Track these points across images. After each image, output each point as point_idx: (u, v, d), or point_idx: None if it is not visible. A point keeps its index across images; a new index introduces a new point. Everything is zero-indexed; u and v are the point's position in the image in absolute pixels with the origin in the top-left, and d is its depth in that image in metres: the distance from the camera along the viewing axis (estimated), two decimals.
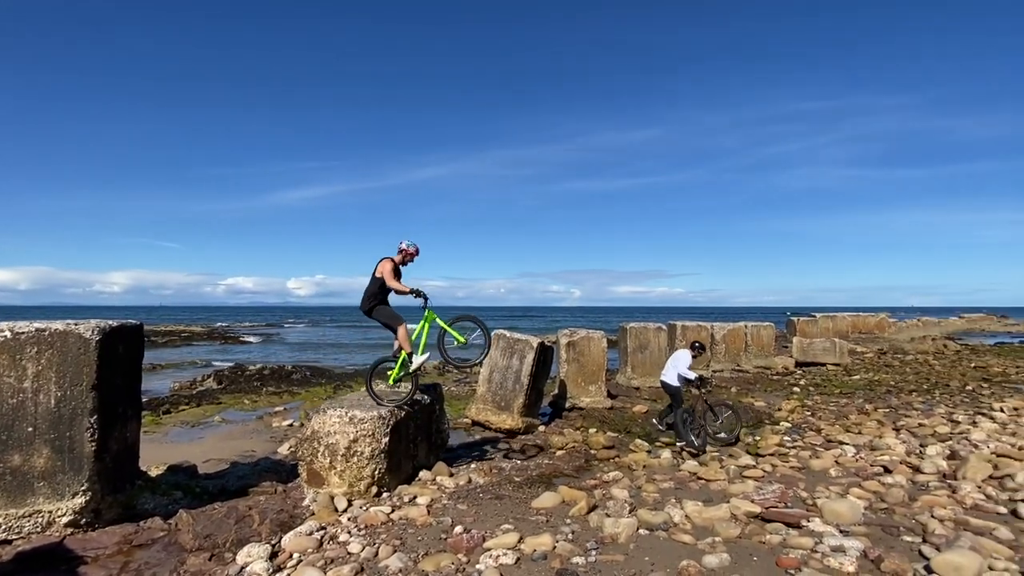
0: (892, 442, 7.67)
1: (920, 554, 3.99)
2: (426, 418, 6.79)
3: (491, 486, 6.09)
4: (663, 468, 6.77)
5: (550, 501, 5.33)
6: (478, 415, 9.71)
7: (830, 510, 4.77)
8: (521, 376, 9.53)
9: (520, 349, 9.71)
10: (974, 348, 27.30)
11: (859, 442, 7.91)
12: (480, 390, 9.95)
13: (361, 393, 7.07)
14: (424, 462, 6.72)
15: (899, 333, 33.48)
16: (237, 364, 18.53)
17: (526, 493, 5.80)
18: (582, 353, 11.73)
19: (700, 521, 4.71)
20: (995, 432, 8.33)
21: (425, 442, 6.81)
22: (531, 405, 9.79)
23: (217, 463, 7.53)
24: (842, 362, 19.52)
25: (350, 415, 5.64)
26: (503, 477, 6.49)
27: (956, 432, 8.48)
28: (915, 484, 5.90)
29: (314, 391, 14.19)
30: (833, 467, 6.59)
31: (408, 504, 5.37)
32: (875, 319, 34.20)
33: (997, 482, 5.78)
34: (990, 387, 13.73)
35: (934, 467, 6.32)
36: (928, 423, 9.17)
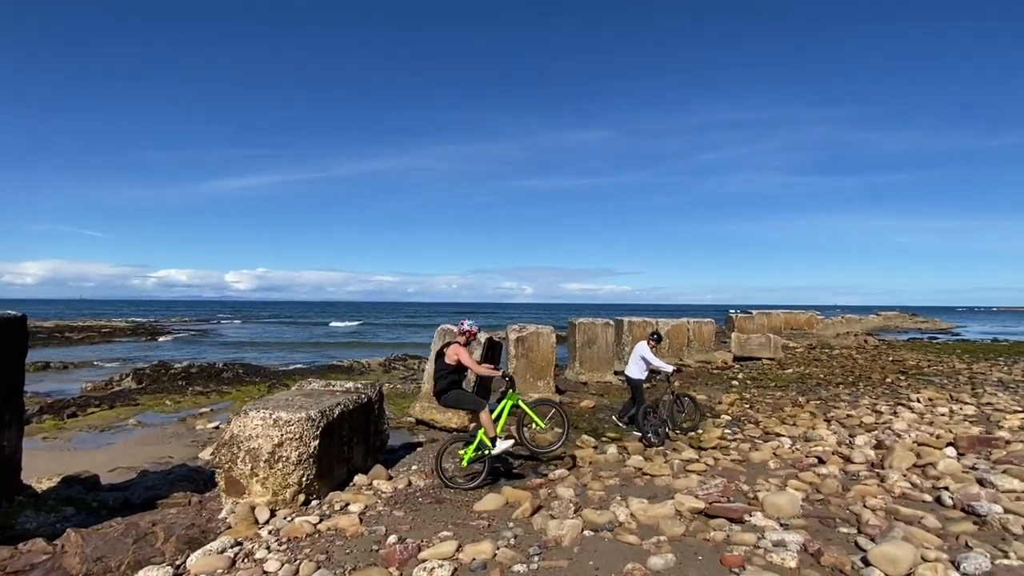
0: (824, 433, 7.96)
1: (857, 546, 4.03)
2: (363, 418, 6.36)
3: (431, 489, 5.76)
4: (609, 464, 6.67)
5: (493, 503, 5.07)
6: (423, 413, 9.33)
7: (771, 503, 4.78)
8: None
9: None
10: (891, 343, 29.51)
11: (794, 433, 8.15)
12: (425, 387, 9.56)
13: (291, 392, 6.54)
14: (361, 465, 6.30)
15: (826, 330, 35.64)
16: (161, 362, 17.11)
17: (468, 495, 5.51)
18: (531, 348, 11.57)
19: (645, 519, 4.60)
20: (914, 422, 8.83)
21: (362, 444, 6.38)
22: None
23: (125, 472, 6.77)
24: (776, 357, 20.47)
25: (275, 417, 5.14)
26: (452, 478, 6.16)
27: (880, 422, 8.93)
28: (847, 474, 6.08)
29: (246, 390, 13.27)
30: (772, 459, 6.72)
31: (339, 512, 4.94)
32: (805, 316, 36.26)
33: (920, 470, 6.04)
34: (907, 379, 14.73)
35: (863, 457, 6.56)
36: (855, 414, 9.63)
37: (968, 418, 9.24)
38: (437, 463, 5.94)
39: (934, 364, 18.65)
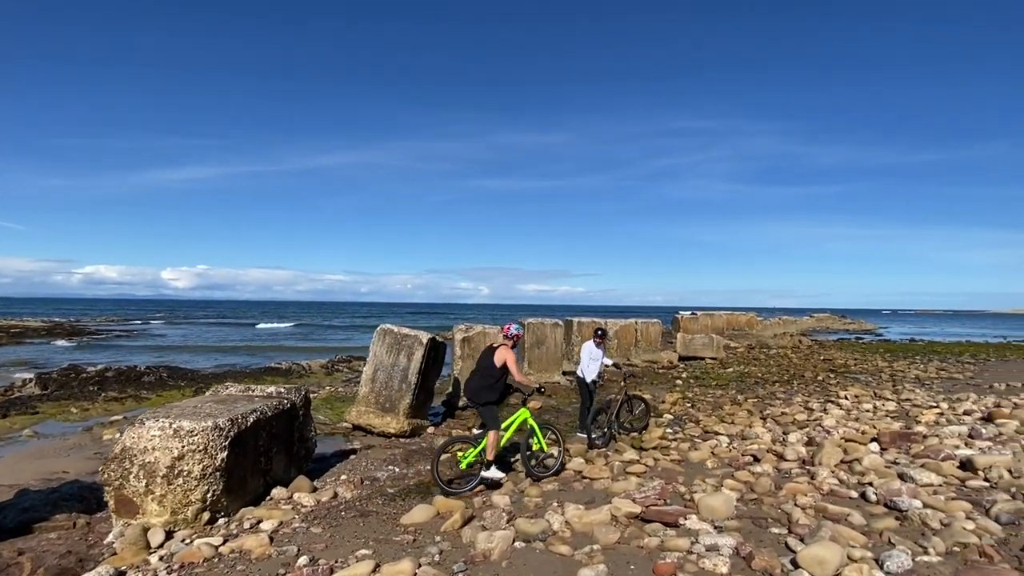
0: (760, 431, 8.11)
1: (787, 547, 3.99)
2: (285, 425, 5.86)
3: (359, 501, 5.36)
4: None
5: (422, 515, 4.74)
6: (359, 418, 8.84)
7: (706, 505, 4.70)
8: (409, 374, 8.82)
9: (408, 345, 8.99)
10: (822, 343, 31.24)
11: (732, 432, 8.27)
12: (362, 391, 9.07)
13: (203, 398, 5.95)
14: (282, 477, 5.80)
15: (765, 330, 37.34)
16: (72, 365, 15.60)
17: (397, 507, 5.16)
18: (477, 349, 11.24)
19: (580, 527, 4.41)
20: (842, 418, 9.19)
21: (283, 454, 5.88)
22: (420, 406, 9.12)
23: (6, 491, 5.95)
24: (718, 356, 21.13)
25: (175, 426, 4.60)
26: (375, 489, 5.78)
27: (812, 419, 9.23)
28: (780, 472, 6.16)
29: (169, 395, 12.25)
30: (710, 458, 6.73)
31: (248, 531, 4.48)
32: (745, 317, 37.86)
33: (847, 466, 6.20)
34: (836, 377, 15.50)
35: (795, 454, 6.68)
36: (789, 411, 9.93)
37: (890, 414, 9.72)
38: (434, 464, 5.62)
39: (860, 363, 19.79)
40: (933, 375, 16.14)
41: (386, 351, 9.07)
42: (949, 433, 7.59)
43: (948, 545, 3.91)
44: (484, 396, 5.95)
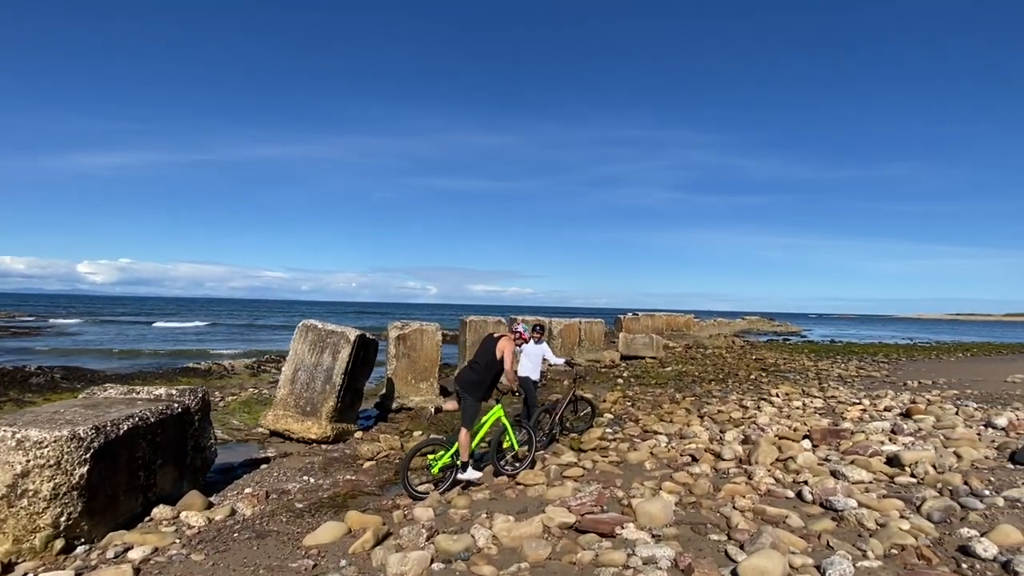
0: (698, 430, 8.03)
1: (727, 556, 3.73)
2: (174, 433, 5.06)
3: (259, 518, 4.67)
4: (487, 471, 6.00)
5: (330, 534, 4.14)
6: (276, 423, 8.02)
7: (643, 512, 4.40)
8: (333, 375, 8.09)
9: (334, 343, 8.26)
10: (753, 344, 32.71)
11: (671, 431, 8.15)
12: (281, 393, 8.25)
13: (69, 403, 5.04)
14: (171, 492, 5.00)
15: (702, 331, 38.71)
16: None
17: (304, 525, 4.52)
18: (413, 348, 10.65)
19: (509, 541, 3.97)
20: (775, 415, 9.32)
21: (172, 466, 5.07)
22: (345, 409, 8.41)
23: None
24: (658, 355, 21.49)
25: (20, 436, 3.76)
26: (282, 504, 5.09)
27: (747, 417, 9.30)
28: (718, 472, 6.01)
29: (57, 398, 10.75)
30: (648, 459, 6.51)
31: (110, 562, 3.71)
32: (684, 319, 39.10)
33: (783, 464, 6.14)
34: (767, 376, 16.03)
35: (732, 453, 6.58)
36: (725, 409, 10.00)
37: (818, 411, 9.99)
38: (404, 468, 5.25)
39: (788, 362, 20.71)
40: (854, 373, 17.05)
41: (308, 349, 8.29)
42: (874, 429, 7.79)
43: (886, 547, 3.79)
44: (473, 391, 5.60)
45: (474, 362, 5.69)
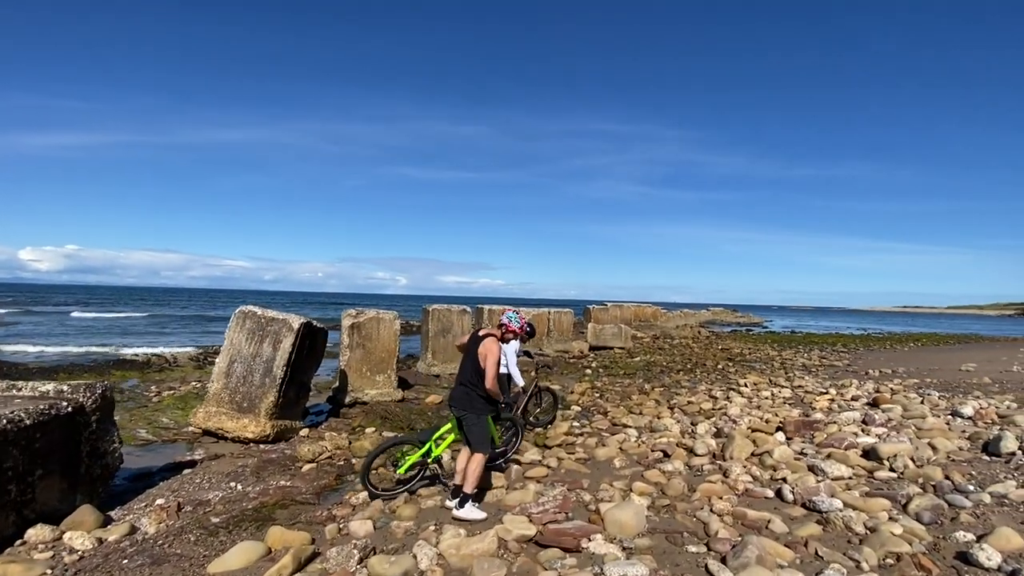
0: (669, 422, 7.63)
1: (708, 572, 3.25)
2: (61, 438, 4.24)
3: (163, 538, 3.93)
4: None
5: (242, 558, 3.46)
6: (208, 421, 7.17)
7: (613, 520, 3.89)
8: (274, 367, 7.29)
9: (275, 331, 7.44)
10: (718, 335, 33.12)
11: (641, 424, 7.73)
12: (214, 387, 7.39)
13: None
14: (57, 507, 4.19)
15: (668, 322, 39.03)
16: None
17: (214, 545, 3.81)
18: (368, 337, 9.89)
19: (457, 561, 3.39)
20: (745, 406, 9.04)
21: (59, 476, 4.26)
22: (289, 405, 7.62)
23: None
24: (627, 346, 21.30)
25: None
26: (196, 517, 4.36)
27: (717, 408, 9.00)
28: (692, 469, 5.58)
29: None
30: (618, 456, 6.04)
31: None
32: (651, 309, 39.34)
33: (758, 459, 5.78)
34: (734, 366, 15.97)
35: (705, 447, 6.18)
36: (695, 400, 9.69)
37: (787, 400, 9.80)
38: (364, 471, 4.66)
39: (754, 352, 20.85)
40: (817, 363, 17.21)
41: (246, 338, 7.46)
42: (845, 420, 7.56)
43: (880, 556, 3.39)
44: (467, 405, 4.42)
45: (464, 378, 4.49)
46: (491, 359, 4.32)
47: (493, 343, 4.41)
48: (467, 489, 4.22)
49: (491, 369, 4.31)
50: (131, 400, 9.90)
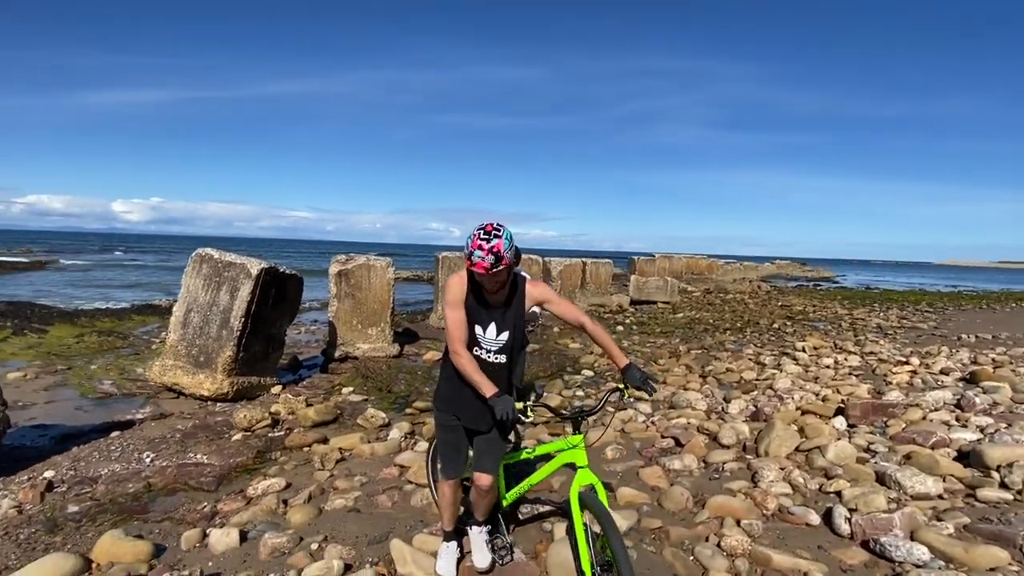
0: (695, 396, 6.18)
1: None
2: None
3: (1, 530, 3.10)
4: (374, 459, 4.33)
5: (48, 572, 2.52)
6: (163, 375, 6.47)
7: (559, 563, 2.62)
8: (231, 318, 6.42)
9: (232, 277, 6.53)
10: (780, 289, 30.18)
11: (659, 396, 6.33)
12: (171, 338, 6.66)
13: None
14: None
15: (725, 275, 36.20)
16: None
17: (37, 550, 2.91)
18: (358, 287, 8.90)
19: None
20: (799, 377, 7.39)
21: None
22: (255, 360, 6.79)
23: None
24: (672, 300, 19.50)
25: None
26: (54, 503, 3.51)
27: (762, 378, 7.41)
28: (708, 467, 4.20)
29: None
30: (615, 440, 4.74)
31: None
32: (706, 262, 36.55)
33: (805, 458, 4.30)
34: (793, 325, 13.93)
35: (734, 436, 4.75)
36: (736, 367, 8.11)
37: (854, 371, 8.01)
38: (429, 464, 3.34)
39: (818, 310, 18.44)
40: (895, 324, 14.78)
41: (203, 285, 6.60)
42: (933, 402, 5.81)
43: None
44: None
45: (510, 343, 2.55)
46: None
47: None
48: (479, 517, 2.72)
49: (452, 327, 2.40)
50: (129, 347, 9.57)
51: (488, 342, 2.38)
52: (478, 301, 2.38)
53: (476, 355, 2.39)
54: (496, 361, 2.38)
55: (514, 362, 2.49)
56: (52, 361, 7.88)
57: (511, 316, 2.36)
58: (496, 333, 2.37)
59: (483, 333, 2.38)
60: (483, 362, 2.38)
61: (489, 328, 2.37)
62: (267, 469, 4.16)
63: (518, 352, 2.51)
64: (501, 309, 2.37)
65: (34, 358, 8.03)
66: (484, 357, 2.40)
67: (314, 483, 3.78)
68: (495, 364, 2.38)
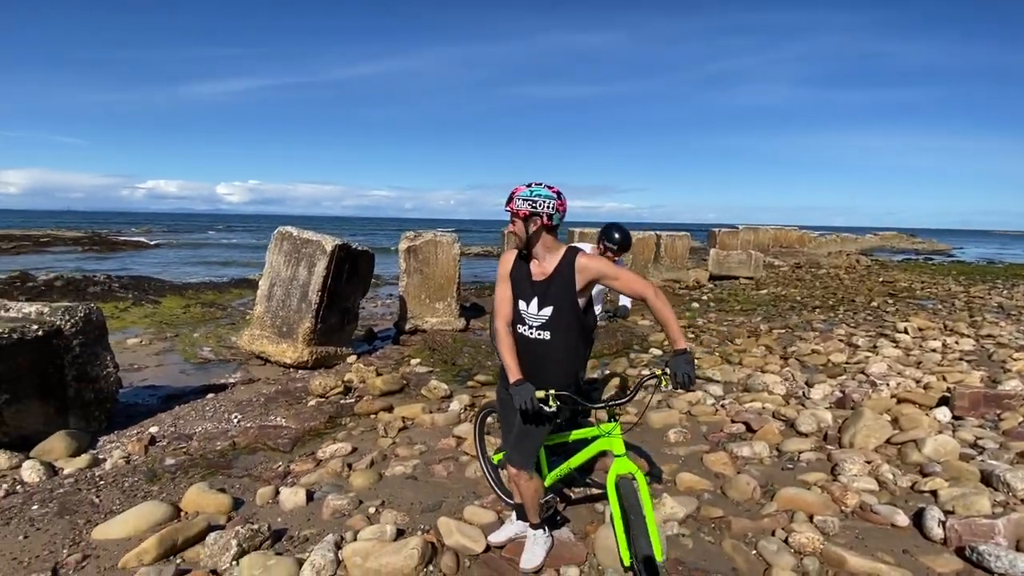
0: (773, 378, 5.76)
1: None
2: (33, 363, 4.03)
3: (106, 478, 3.56)
4: (434, 429, 4.46)
5: (130, 526, 2.85)
6: (251, 344, 7.07)
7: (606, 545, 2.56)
8: (309, 292, 6.85)
9: (309, 254, 6.93)
10: (883, 263, 27.26)
11: (733, 378, 5.97)
12: (257, 310, 7.23)
13: None
14: (45, 431, 4.08)
15: (818, 248, 33.34)
16: (23, 272, 14.71)
17: (136, 497, 3.30)
18: (426, 262, 9.14)
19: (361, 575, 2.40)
20: (897, 361, 6.66)
21: (39, 400, 4.11)
22: (332, 331, 7.23)
23: None
24: (755, 276, 18.28)
25: None
26: (153, 457, 3.96)
27: (853, 362, 6.75)
28: (781, 456, 3.90)
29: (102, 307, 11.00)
30: (680, 424, 4.53)
31: None
32: (797, 233, 33.81)
33: (897, 451, 3.87)
34: (895, 303, 12.55)
35: (814, 423, 4.37)
36: (823, 348, 7.45)
37: (965, 356, 7.08)
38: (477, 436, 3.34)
39: (928, 286, 16.46)
40: (1022, 303, 12.86)
41: (284, 261, 7.06)
42: None
43: None
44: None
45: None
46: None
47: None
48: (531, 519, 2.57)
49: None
50: (226, 317, 10.54)
51: (530, 317, 2.29)
52: (523, 274, 2.32)
53: (520, 332, 2.32)
54: (539, 338, 2.28)
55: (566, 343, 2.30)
56: (163, 329, 8.86)
57: (556, 290, 2.24)
58: (538, 308, 2.27)
59: (526, 307, 2.30)
60: (525, 339, 2.29)
61: (532, 303, 2.28)
62: (336, 434, 4.43)
63: (572, 334, 2.30)
64: (545, 282, 2.27)
65: (149, 326, 9.08)
66: (526, 334, 2.30)
67: (377, 449, 3.97)
68: (538, 341, 2.28)
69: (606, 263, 2.28)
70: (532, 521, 2.52)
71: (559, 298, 2.23)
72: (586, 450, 2.42)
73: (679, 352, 2.11)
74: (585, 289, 2.25)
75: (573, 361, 2.35)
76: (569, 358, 2.34)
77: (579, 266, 2.21)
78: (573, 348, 2.32)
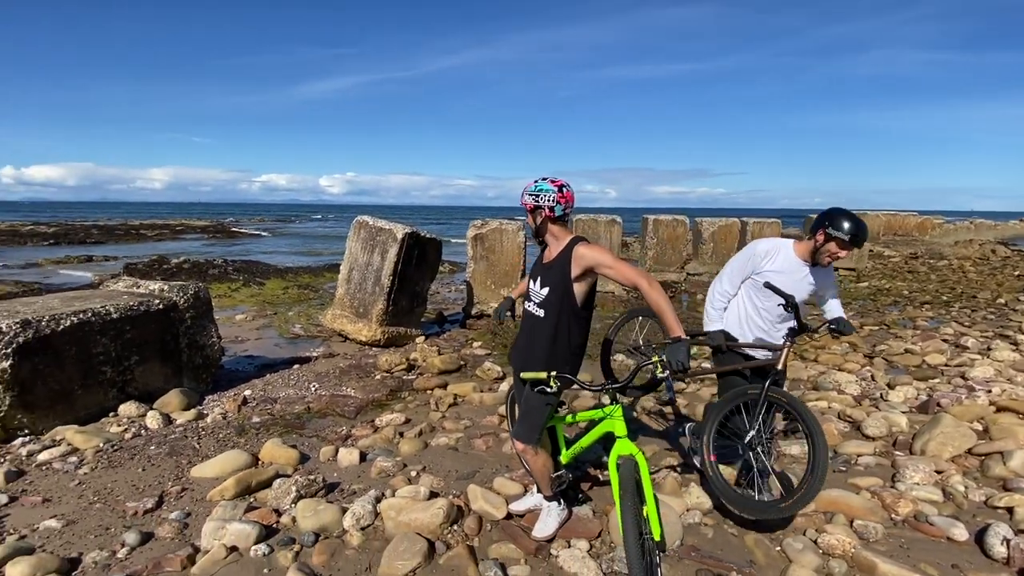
0: (846, 378, 5.35)
1: None
2: (156, 329, 4.82)
3: (207, 429, 4.21)
4: (481, 407, 4.72)
5: (218, 467, 3.39)
6: (333, 323, 7.79)
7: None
8: (382, 276, 7.39)
9: (382, 241, 7.47)
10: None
11: (801, 375, 5.62)
12: (338, 292, 7.94)
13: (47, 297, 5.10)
14: (161, 387, 4.88)
15: (943, 236, 29.39)
16: (160, 256, 17.12)
17: (227, 446, 3.88)
18: (492, 249, 9.42)
19: (391, 527, 2.69)
20: (1012, 367, 5.86)
21: (160, 362, 4.90)
22: (402, 313, 7.77)
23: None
24: (858, 267, 16.65)
25: None
26: (243, 415, 4.59)
27: (953, 364, 6.05)
28: (835, 457, 3.68)
29: (218, 287, 12.59)
30: None
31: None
32: (916, 220, 29.97)
33: (979, 464, 3.49)
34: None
35: (885, 427, 4.04)
36: (920, 348, 6.72)
37: None
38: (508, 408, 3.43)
39: None
40: None
41: (361, 247, 7.67)
42: None
43: None
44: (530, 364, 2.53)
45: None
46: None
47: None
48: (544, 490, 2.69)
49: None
50: (317, 299, 11.62)
51: (534, 294, 2.50)
52: (539, 258, 2.52)
53: (526, 307, 2.58)
54: (536, 313, 2.48)
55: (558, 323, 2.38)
56: (264, 308, 9.98)
57: (554, 273, 2.40)
58: (540, 286, 2.46)
59: (534, 286, 2.52)
60: (528, 313, 2.55)
61: (537, 282, 2.49)
62: (395, 405, 4.83)
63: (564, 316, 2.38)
64: (548, 265, 2.44)
65: (254, 304, 10.27)
66: (528, 309, 2.55)
67: (427, 421, 4.30)
68: (535, 317, 2.48)
69: (601, 252, 2.33)
70: (545, 493, 2.67)
71: (555, 280, 2.38)
72: (593, 431, 2.50)
73: (676, 340, 2.12)
74: (583, 277, 2.34)
75: (564, 341, 2.42)
76: (559, 337, 2.42)
77: (576, 255, 2.31)
78: (564, 329, 2.41)
